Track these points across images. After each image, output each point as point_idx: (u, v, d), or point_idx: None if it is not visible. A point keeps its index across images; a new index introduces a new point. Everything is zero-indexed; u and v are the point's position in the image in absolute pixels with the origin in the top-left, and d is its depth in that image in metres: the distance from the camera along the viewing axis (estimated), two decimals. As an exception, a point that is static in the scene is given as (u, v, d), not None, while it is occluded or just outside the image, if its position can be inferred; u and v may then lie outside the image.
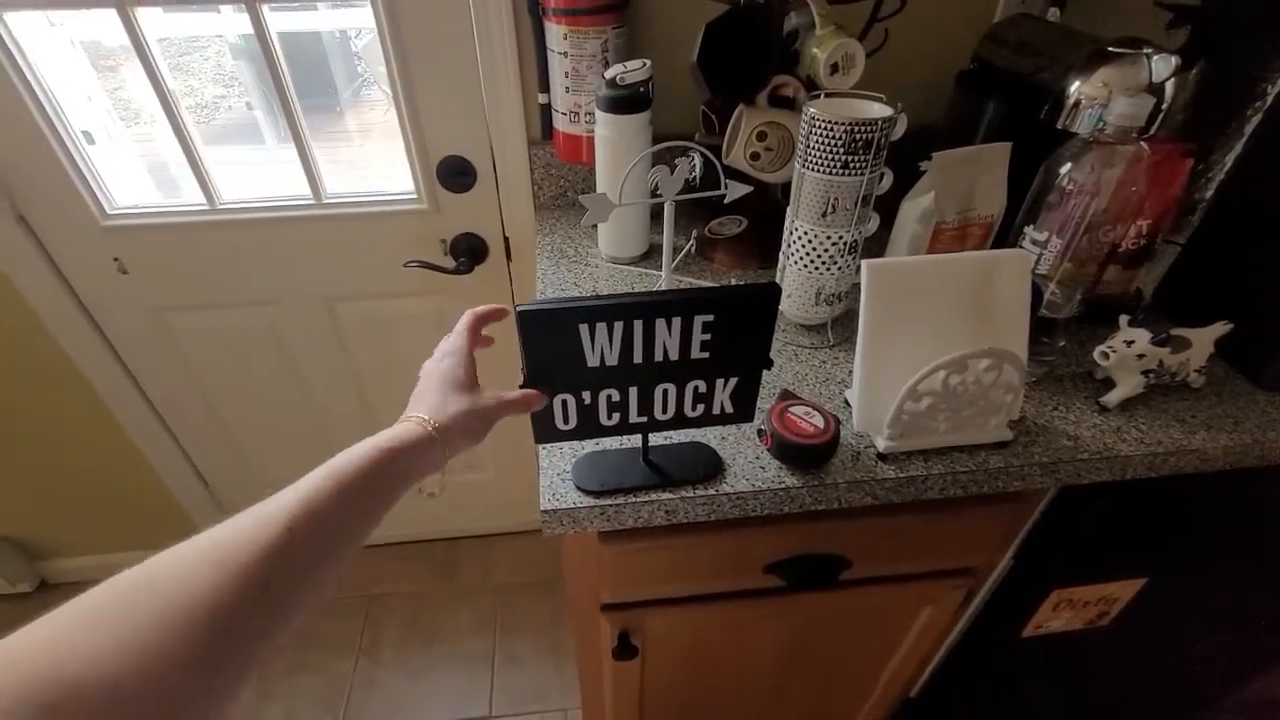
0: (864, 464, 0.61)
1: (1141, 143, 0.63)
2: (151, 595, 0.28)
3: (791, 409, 0.60)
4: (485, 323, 0.52)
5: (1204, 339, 0.68)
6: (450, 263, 1.11)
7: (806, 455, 0.59)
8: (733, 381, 0.53)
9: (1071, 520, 0.75)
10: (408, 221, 1.10)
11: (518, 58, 0.94)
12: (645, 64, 0.79)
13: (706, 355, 0.50)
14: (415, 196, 1.08)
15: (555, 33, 0.86)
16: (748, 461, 0.61)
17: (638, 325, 0.47)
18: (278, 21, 0.94)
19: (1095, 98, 0.72)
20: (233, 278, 1.13)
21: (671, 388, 0.52)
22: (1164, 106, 0.70)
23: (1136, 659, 1.03)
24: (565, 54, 0.86)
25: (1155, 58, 0.71)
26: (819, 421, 0.59)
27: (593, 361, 0.48)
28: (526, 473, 1.52)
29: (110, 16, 0.88)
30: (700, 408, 0.54)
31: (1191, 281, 0.82)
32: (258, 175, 1.15)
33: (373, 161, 1.42)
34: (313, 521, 0.33)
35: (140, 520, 1.44)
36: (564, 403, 0.51)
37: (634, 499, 0.57)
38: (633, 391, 0.52)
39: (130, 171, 1.13)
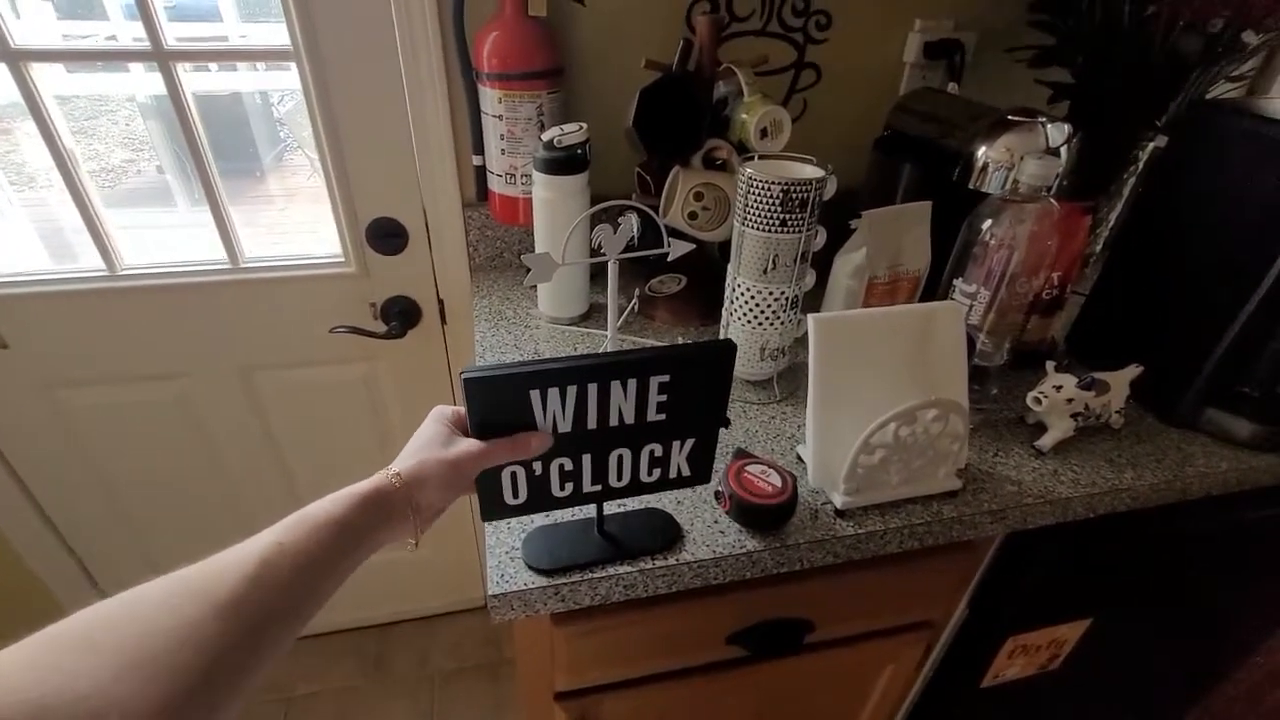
0: (823, 522, 0.60)
1: (1051, 199, 0.68)
2: (134, 621, 0.27)
3: (748, 468, 0.59)
4: None
5: (1120, 381, 0.72)
6: (381, 327, 1.06)
7: (767, 516, 0.57)
8: (689, 443, 0.51)
9: (1019, 566, 0.76)
10: (334, 285, 1.04)
11: (450, 120, 0.93)
12: (582, 127, 0.80)
13: (663, 417, 0.48)
14: (343, 259, 1.03)
15: (490, 96, 0.86)
16: (706, 526, 0.58)
17: (592, 389, 0.45)
18: (194, 82, 0.90)
19: (1001, 161, 0.78)
20: (135, 349, 1.03)
21: (627, 453, 0.50)
22: (1060, 169, 0.77)
23: (1087, 698, 1.05)
24: (500, 117, 0.86)
25: (1050, 126, 0.78)
26: (776, 480, 0.58)
27: (544, 429, 0.46)
28: (462, 546, 1.43)
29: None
30: (656, 472, 0.52)
31: (1096, 328, 0.88)
32: (167, 240, 1.08)
33: (296, 225, 1.36)
34: (286, 558, 0.33)
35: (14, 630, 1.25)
36: (513, 475, 0.48)
37: (590, 575, 0.53)
38: (586, 459, 0.49)
39: (18, 237, 1.03)
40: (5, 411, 1.04)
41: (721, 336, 0.78)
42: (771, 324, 0.73)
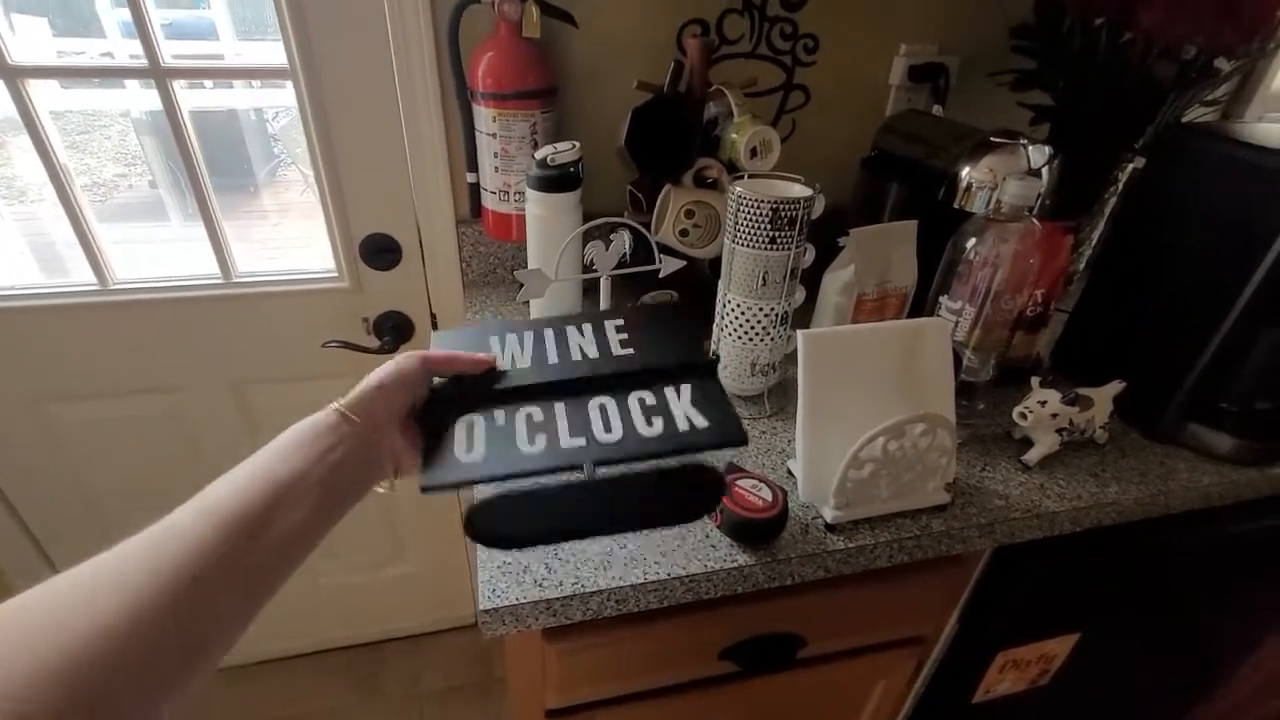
0: (813, 536, 0.60)
1: (1033, 219, 0.69)
2: (48, 615, 0.26)
3: (739, 482, 0.59)
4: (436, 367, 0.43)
5: (1104, 397, 0.73)
6: (373, 342, 1.06)
7: (758, 530, 0.57)
8: (685, 389, 0.42)
9: (1007, 580, 0.76)
10: (327, 300, 1.05)
11: (445, 137, 0.94)
12: (574, 145, 0.81)
13: (631, 352, 0.45)
14: (336, 274, 1.03)
15: (484, 115, 0.87)
16: (698, 541, 0.59)
17: (548, 334, 0.46)
18: (190, 99, 0.90)
19: (984, 181, 0.80)
20: (126, 363, 1.02)
21: (610, 402, 0.42)
22: (1042, 189, 0.79)
23: (1077, 712, 1.05)
24: (494, 135, 0.87)
25: (1031, 148, 0.80)
26: (767, 494, 0.58)
27: (503, 363, 0.43)
28: (452, 563, 1.42)
29: (-5, 89, 0.82)
30: (658, 422, 0.40)
31: (1080, 345, 0.89)
32: (159, 254, 1.08)
33: (289, 240, 1.37)
34: (206, 519, 0.32)
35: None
36: (469, 426, 0.40)
37: (583, 589, 0.53)
38: (560, 407, 0.41)
39: (8, 251, 1.03)
40: (-9, 426, 1.03)
41: (712, 352, 0.79)
42: (762, 340, 0.74)
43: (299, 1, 0.83)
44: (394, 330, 1.07)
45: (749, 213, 0.67)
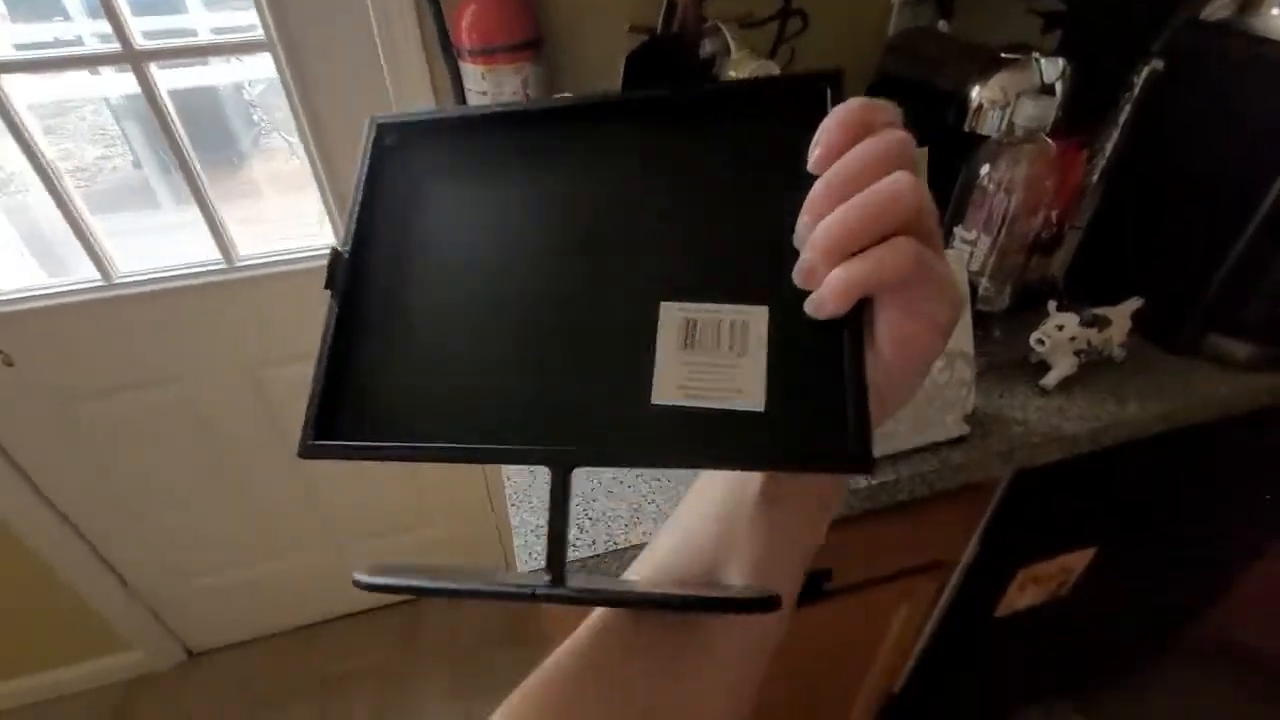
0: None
1: (1048, 139, 0.67)
2: None
3: (761, 430, 0.60)
4: None
5: (1121, 315, 0.73)
6: (383, 314, 1.06)
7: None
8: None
9: (1026, 501, 0.78)
10: (332, 276, 1.04)
11: (434, 100, 0.91)
12: (570, 98, 0.79)
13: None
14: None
15: (473, 73, 0.84)
16: (724, 488, 0.60)
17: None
18: (167, 78, 0.88)
19: (996, 100, 0.77)
20: (140, 356, 1.03)
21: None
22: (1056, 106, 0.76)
23: (1095, 620, 1.09)
24: (485, 93, 0.85)
25: (1044, 61, 0.76)
26: (789, 439, 0.59)
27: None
28: (482, 524, 1.46)
29: (-31, 86, 0.80)
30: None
31: (1096, 262, 0.88)
32: (157, 243, 1.07)
33: (279, 212, 1.35)
34: None
35: (51, 635, 1.29)
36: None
37: (615, 545, 0.55)
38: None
39: (10, 252, 1.03)
40: (20, 428, 1.05)
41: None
42: (774, 284, 0.73)
43: (267, -35, 0.79)
44: (402, 301, 1.07)
45: (754, 155, 0.65)
